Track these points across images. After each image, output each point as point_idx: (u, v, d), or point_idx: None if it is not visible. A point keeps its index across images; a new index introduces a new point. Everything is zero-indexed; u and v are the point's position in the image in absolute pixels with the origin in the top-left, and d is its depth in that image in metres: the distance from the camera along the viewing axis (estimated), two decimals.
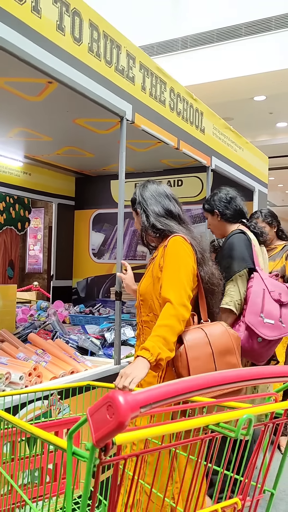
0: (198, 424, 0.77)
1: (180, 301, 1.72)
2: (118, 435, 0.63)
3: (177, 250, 1.85)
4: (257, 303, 2.21)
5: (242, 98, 6.14)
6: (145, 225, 1.97)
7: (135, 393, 0.62)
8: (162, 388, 0.65)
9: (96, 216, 4.61)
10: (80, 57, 1.93)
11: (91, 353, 2.60)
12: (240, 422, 0.78)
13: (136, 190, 2.08)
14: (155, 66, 2.53)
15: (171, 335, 1.66)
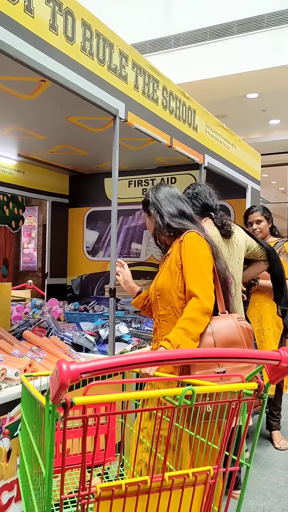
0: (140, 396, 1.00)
1: (205, 295, 1.83)
2: (77, 397, 0.87)
3: (195, 244, 1.94)
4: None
5: (235, 96, 6.16)
6: (160, 225, 2.05)
7: (79, 362, 0.83)
8: (100, 361, 0.85)
9: (90, 214, 4.63)
10: (73, 56, 1.95)
11: (85, 349, 2.62)
12: (182, 393, 0.95)
13: (149, 192, 2.16)
14: (147, 65, 2.54)
15: (194, 327, 1.78)
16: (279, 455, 3.26)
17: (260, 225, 3.42)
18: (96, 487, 0.99)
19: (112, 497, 1.02)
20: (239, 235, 2.58)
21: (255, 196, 4.41)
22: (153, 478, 1.05)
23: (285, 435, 3.58)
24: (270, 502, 2.61)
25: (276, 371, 1.04)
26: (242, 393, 1.10)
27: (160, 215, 2.06)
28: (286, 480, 2.87)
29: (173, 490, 1.09)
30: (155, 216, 2.08)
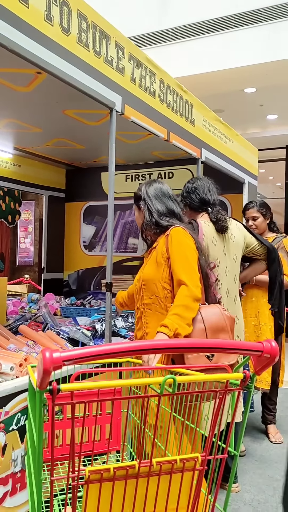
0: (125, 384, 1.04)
1: (193, 283, 1.93)
2: (63, 384, 0.94)
3: (181, 237, 2.05)
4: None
5: (232, 90, 6.14)
6: (148, 221, 2.14)
7: (62, 350, 0.88)
8: (82, 349, 0.92)
9: (87, 209, 4.61)
10: (69, 47, 1.93)
11: (82, 344, 2.61)
12: (163, 381, 0.99)
13: (142, 187, 2.23)
14: (144, 57, 2.52)
15: (187, 312, 1.88)
16: (275, 448, 3.27)
17: (256, 222, 3.42)
18: (85, 470, 1.03)
19: (101, 480, 1.05)
20: (237, 231, 2.55)
21: (252, 191, 4.40)
22: (141, 463, 1.07)
23: (280, 429, 3.59)
24: (265, 495, 2.62)
25: (260, 361, 1.08)
26: (228, 383, 1.13)
27: (149, 212, 2.15)
28: (281, 473, 2.88)
29: (163, 476, 1.11)
30: (144, 212, 2.16)
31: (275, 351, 1.07)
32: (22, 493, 1.75)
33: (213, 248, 2.41)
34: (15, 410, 1.73)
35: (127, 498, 1.12)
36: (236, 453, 1.20)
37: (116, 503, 1.12)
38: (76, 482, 1.06)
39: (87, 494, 1.07)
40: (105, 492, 1.09)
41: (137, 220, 2.29)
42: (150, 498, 1.14)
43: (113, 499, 1.10)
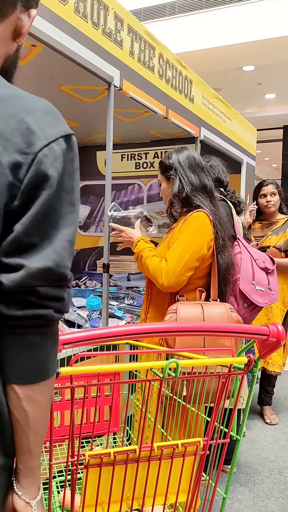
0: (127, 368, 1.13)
1: (172, 270, 1.81)
2: (62, 367, 0.93)
3: (195, 226, 1.85)
4: (248, 270, 2.23)
5: (231, 67, 6.03)
6: (177, 195, 1.92)
7: (61, 333, 0.85)
8: (82, 333, 0.93)
9: (82, 188, 4.53)
10: (65, 17, 1.84)
11: (78, 325, 2.58)
12: (166, 365, 0.97)
13: (172, 155, 2.01)
14: (143, 30, 2.43)
15: (151, 264, 1.87)
16: (270, 429, 3.29)
17: (274, 198, 3.39)
18: (85, 454, 1.02)
19: (101, 465, 1.04)
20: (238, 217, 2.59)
21: (250, 171, 4.34)
22: (141, 447, 1.05)
23: (275, 410, 3.61)
24: (260, 476, 2.63)
25: (265, 345, 1.06)
26: (232, 367, 1.11)
27: (181, 184, 1.92)
28: (276, 454, 2.90)
29: (164, 460, 1.10)
30: (175, 183, 1.93)
31: (282, 335, 1.04)
32: None
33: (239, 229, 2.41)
34: None
35: (127, 482, 1.11)
36: (239, 437, 1.18)
37: (116, 487, 1.10)
38: (76, 467, 1.04)
39: (87, 478, 1.05)
40: (105, 476, 1.08)
41: (164, 193, 2.05)
42: (151, 482, 1.12)
43: (113, 483, 1.09)
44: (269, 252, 3.26)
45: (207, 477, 1.21)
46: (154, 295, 1.98)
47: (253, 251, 2.33)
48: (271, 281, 2.27)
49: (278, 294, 2.33)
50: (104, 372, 1.05)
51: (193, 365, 1.09)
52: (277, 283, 2.32)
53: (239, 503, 2.35)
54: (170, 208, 1.98)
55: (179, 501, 1.15)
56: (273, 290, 2.26)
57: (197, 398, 1.38)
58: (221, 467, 1.17)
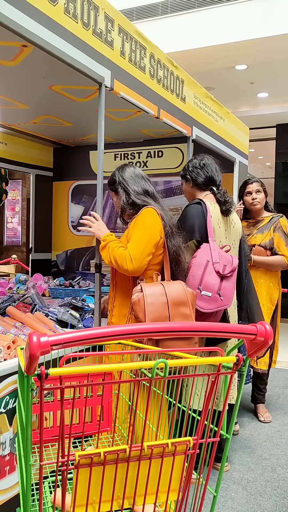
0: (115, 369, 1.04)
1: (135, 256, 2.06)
2: (52, 368, 0.91)
3: (147, 218, 2.15)
4: (197, 275, 2.23)
5: (223, 66, 6.02)
6: (125, 202, 2.25)
7: (50, 334, 0.85)
8: (71, 333, 0.90)
9: (75, 188, 4.53)
10: (56, 18, 1.84)
11: (71, 325, 2.58)
12: (154, 365, 0.98)
13: (116, 172, 2.35)
14: (134, 30, 2.43)
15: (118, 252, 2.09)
16: (263, 427, 3.31)
17: (259, 196, 3.41)
18: (75, 454, 1.02)
19: (91, 465, 1.04)
20: (236, 218, 2.58)
21: (243, 170, 4.36)
22: (131, 447, 1.06)
23: (268, 409, 3.63)
24: (254, 473, 2.65)
25: (254, 345, 1.07)
26: (221, 366, 1.11)
27: (126, 193, 2.25)
28: (270, 452, 2.92)
29: (153, 459, 1.11)
30: (122, 194, 2.27)
31: (269, 334, 1.05)
32: (11, 476, 1.73)
33: (218, 231, 2.39)
34: (3, 393, 1.71)
35: (118, 482, 1.11)
36: (229, 436, 1.19)
37: (107, 487, 1.10)
38: (66, 467, 1.05)
39: (77, 478, 1.06)
40: (95, 476, 1.08)
41: (116, 204, 2.38)
42: (141, 481, 1.13)
43: (104, 482, 1.09)
44: (254, 251, 3.28)
45: (198, 475, 1.22)
46: (119, 283, 2.24)
47: (217, 254, 2.27)
48: (223, 286, 2.22)
49: (231, 300, 2.25)
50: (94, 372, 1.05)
51: (182, 364, 1.09)
52: (231, 289, 2.25)
53: (232, 501, 2.36)
54: (122, 215, 2.33)
55: (170, 500, 1.16)
56: (223, 295, 2.21)
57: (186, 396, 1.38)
58: (211, 466, 1.18)
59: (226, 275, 2.23)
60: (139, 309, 1.98)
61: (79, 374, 1.48)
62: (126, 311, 2.18)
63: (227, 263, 2.25)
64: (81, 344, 0.95)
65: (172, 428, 1.43)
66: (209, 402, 1.14)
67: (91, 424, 1.74)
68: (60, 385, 1.00)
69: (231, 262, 2.26)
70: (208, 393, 1.14)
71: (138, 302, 1.99)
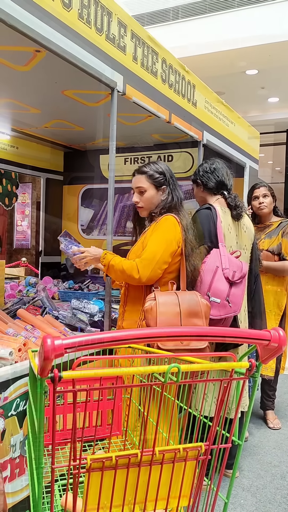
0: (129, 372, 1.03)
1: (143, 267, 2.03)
2: (65, 372, 0.92)
3: (166, 226, 2.11)
4: (206, 281, 2.21)
5: (234, 72, 6.03)
6: (164, 202, 2.18)
7: (64, 338, 0.86)
8: (85, 337, 0.90)
9: (85, 192, 4.55)
10: (69, 23, 1.86)
11: (80, 329, 2.59)
12: (167, 370, 0.98)
13: (162, 165, 2.25)
14: (146, 35, 2.45)
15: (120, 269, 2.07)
16: (273, 434, 3.29)
17: (267, 200, 3.39)
18: (87, 458, 1.02)
19: (103, 469, 1.04)
20: (248, 223, 2.56)
21: (253, 175, 4.35)
22: (143, 452, 1.06)
23: (278, 415, 3.60)
24: (263, 481, 2.63)
25: (267, 351, 1.06)
26: (233, 372, 1.11)
27: (172, 196, 2.18)
28: (279, 459, 2.89)
29: (165, 464, 1.10)
30: (166, 193, 2.19)
31: (283, 340, 1.04)
32: (21, 479, 1.74)
33: (228, 236, 2.37)
34: (14, 395, 1.71)
35: (129, 486, 1.11)
36: (241, 442, 1.18)
37: (118, 491, 1.10)
38: (78, 470, 1.05)
39: (89, 482, 1.06)
40: (106, 480, 1.08)
41: (148, 199, 2.23)
42: (153, 486, 1.13)
43: (115, 487, 1.09)
44: (262, 256, 3.26)
45: (208, 481, 1.21)
46: (131, 287, 2.19)
47: (227, 259, 2.25)
48: (232, 292, 2.20)
49: (240, 306, 2.24)
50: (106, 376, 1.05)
51: (195, 369, 1.09)
52: (241, 296, 2.24)
53: (241, 508, 2.34)
54: (150, 214, 2.22)
55: (180, 505, 1.16)
56: (232, 302, 2.19)
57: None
58: (223, 472, 1.17)
59: (236, 281, 2.22)
60: (150, 317, 1.95)
61: (91, 378, 1.48)
62: (137, 317, 2.15)
63: (236, 269, 2.23)
64: (94, 347, 0.95)
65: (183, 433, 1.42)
66: (221, 408, 1.14)
67: (100, 428, 1.74)
68: (73, 388, 1.00)
69: (240, 268, 2.24)
70: (220, 399, 1.13)
71: (150, 310, 1.97)
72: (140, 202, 2.24)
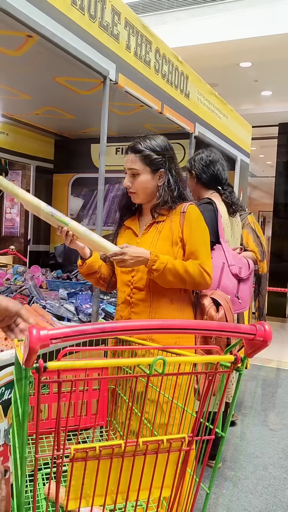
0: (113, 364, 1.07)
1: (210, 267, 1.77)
2: (50, 362, 0.90)
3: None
4: (214, 277, 2.15)
5: (227, 63, 6.00)
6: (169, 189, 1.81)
7: (50, 328, 0.84)
8: (71, 328, 0.88)
9: (75, 181, 4.51)
10: (62, 9, 1.83)
11: (68, 319, 2.58)
12: (153, 362, 0.96)
13: (161, 142, 1.88)
14: (140, 24, 2.42)
15: (184, 273, 1.71)
16: (256, 426, 3.33)
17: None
18: (70, 448, 1.02)
19: (86, 459, 1.04)
20: (238, 216, 2.55)
21: (244, 168, 4.35)
22: (127, 442, 1.06)
23: (262, 408, 3.65)
24: (245, 471, 2.67)
25: (252, 345, 1.06)
26: (218, 365, 1.11)
27: (175, 179, 1.84)
28: (262, 450, 2.93)
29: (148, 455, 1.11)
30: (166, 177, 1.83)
31: (268, 335, 1.05)
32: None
33: (226, 230, 2.35)
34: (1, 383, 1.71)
35: (112, 476, 1.11)
36: (224, 434, 1.19)
37: (101, 481, 1.11)
38: (61, 460, 1.05)
39: (72, 472, 1.06)
40: (90, 470, 1.08)
41: (141, 183, 1.82)
42: (135, 477, 1.13)
43: (98, 476, 1.09)
44: None
45: (191, 472, 1.22)
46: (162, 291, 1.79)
47: (231, 255, 2.23)
48: (241, 289, 2.19)
49: (249, 303, 2.24)
50: (92, 367, 1.05)
51: (180, 362, 1.09)
52: (249, 292, 2.24)
53: (223, 498, 2.37)
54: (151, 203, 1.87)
55: (163, 495, 1.17)
56: (242, 298, 2.19)
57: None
58: (205, 463, 1.18)
59: (243, 278, 2.21)
60: None
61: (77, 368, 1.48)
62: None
63: (242, 265, 2.22)
64: (80, 338, 0.95)
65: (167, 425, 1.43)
66: (205, 400, 1.14)
67: (85, 417, 1.75)
68: (58, 378, 1.00)
69: (246, 265, 2.24)
70: (205, 391, 1.14)
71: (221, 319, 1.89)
72: (132, 187, 1.86)
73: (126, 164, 1.89)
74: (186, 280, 1.73)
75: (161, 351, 1.55)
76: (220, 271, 2.17)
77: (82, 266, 1.91)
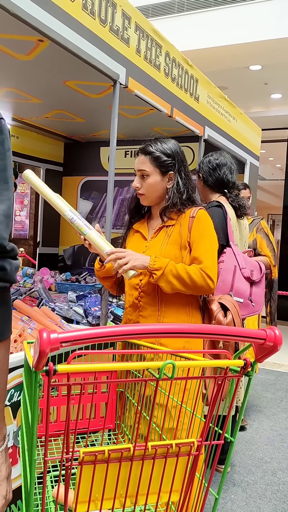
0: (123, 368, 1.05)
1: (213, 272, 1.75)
2: (60, 365, 0.90)
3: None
4: (227, 280, 2.15)
5: (237, 66, 6.00)
6: (177, 192, 1.82)
7: (60, 331, 0.84)
8: (81, 331, 0.89)
9: (84, 184, 4.53)
10: (73, 14, 1.84)
11: (76, 322, 2.59)
12: (162, 366, 0.96)
13: (172, 146, 1.87)
14: (150, 28, 2.43)
15: (185, 276, 1.70)
16: (264, 431, 3.31)
17: (248, 203, 3.41)
18: (79, 451, 1.03)
19: (95, 462, 1.04)
20: (245, 219, 2.54)
21: (253, 172, 4.34)
22: (136, 446, 1.06)
23: (271, 412, 3.63)
24: (254, 476, 2.65)
25: (262, 349, 1.05)
26: (228, 369, 1.11)
27: (184, 182, 1.85)
28: (271, 455, 2.91)
29: (157, 459, 1.11)
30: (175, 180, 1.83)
31: (279, 339, 1.04)
32: (13, 469, 1.74)
33: (235, 234, 2.35)
34: (9, 386, 1.72)
35: (121, 480, 1.11)
36: (233, 439, 1.19)
37: (110, 484, 1.11)
38: (70, 463, 1.05)
39: (81, 475, 1.06)
40: (98, 473, 1.08)
41: (150, 185, 1.84)
42: (144, 481, 1.13)
43: (107, 480, 1.09)
44: None
45: (200, 477, 1.22)
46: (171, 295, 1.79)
47: (242, 259, 2.22)
48: (254, 292, 2.18)
49: (262, 306, 2.23)
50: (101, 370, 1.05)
51: (190, 366, 1.09)
52: (261, 295, 2.22)
53: (232, 503, 2.36)
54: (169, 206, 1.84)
55: (171, 500, 1.16)
56: (255, 301, 2.18)
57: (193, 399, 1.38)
58: (215, 468, 1.18)
59: (255, 280, 2.21)
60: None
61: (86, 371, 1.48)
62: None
63: (253, 268, 2.22)
64: (90, 342, 0.95)
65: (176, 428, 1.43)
66: (215, 404, 1.14)
67: (94, 420, 1.75)
68: (67, 381, 1.00)
69: (258, 268, 2.23)
70: (214, 395, 1.14)
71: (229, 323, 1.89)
72: (141, 188, 1.87)
73: (136, 165, 1.89)
74: (188, 283, 1.72)
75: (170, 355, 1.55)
76: (232, 274, 2.16)
77: (100, 270, 1.95)
